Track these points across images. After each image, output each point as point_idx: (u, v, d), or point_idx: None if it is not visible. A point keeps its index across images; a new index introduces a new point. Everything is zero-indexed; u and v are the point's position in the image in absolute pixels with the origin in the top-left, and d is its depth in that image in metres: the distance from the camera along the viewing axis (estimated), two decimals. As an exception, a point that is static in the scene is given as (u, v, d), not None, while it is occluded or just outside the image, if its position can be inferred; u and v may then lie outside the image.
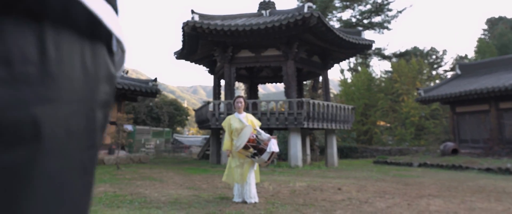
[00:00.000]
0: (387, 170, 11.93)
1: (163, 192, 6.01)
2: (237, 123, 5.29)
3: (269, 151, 4.86)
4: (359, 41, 14.37)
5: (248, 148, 4.95)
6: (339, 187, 6.85)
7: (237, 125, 5.26)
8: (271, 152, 4.88)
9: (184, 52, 15.75)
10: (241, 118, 5.32)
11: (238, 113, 5.38)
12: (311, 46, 14.28)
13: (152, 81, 14.13)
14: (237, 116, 5.35)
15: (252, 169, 5.22)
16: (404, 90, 26.97)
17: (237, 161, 5.16)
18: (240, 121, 5.29)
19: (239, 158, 5.16)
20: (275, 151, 4.92)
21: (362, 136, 26.88)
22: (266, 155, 4.88)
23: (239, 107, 5.37)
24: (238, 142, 5.02)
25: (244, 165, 5.14)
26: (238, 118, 5.33)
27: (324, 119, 13.33)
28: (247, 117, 5.38)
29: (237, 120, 5.32)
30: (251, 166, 5.19)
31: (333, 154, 14.60)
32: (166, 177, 8.49)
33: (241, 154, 5.12)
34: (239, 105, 5.37)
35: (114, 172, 9.22)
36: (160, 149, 21.74)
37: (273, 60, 14.03)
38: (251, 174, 5.20)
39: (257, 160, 4.99)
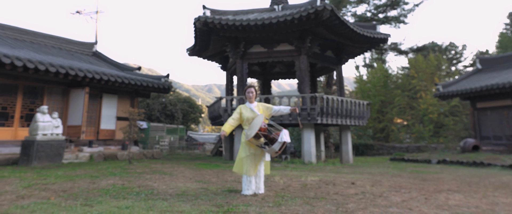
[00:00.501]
0: (403, 167, 11.57)
1: (171, 185, 5.92)
2: (248, 112, 5.12)
3: (280, 141, 4.69)
4: (374, 35, 14.00)
5: (259, 137, 4.80)
6: (352, 182, 6.62)
7: (248, 114, 5.09)
8: (283, 142, 4.70)
9: (196, 48, 15.70)
10: (252, 108, 5.15)
11: (249, 103, 5.22)
12: (325, 41, 13.99)
13: (164, 77, 14.11)
14: (249, 106, 5.19)
15: (262, 160, 5.06)
16: (421, 86, 26.39)
17: (247, 151, 4.98)
18: (251, 111, 5.12)
19: (250, 148, 4.99)
20: (286, 141, 4.73)
21: (378, 134, 26.45)
22: (277, 145, 4.71)
23: (250, 97, 5.21)
24: (249, 131, 4.86)
25: (255, 156, 4.96)
26: (249, 108, 5.16)
27: (338, 114, 13.03)
28: (258, 106, 5.20)
29: (249, 109, 5.15)
30: (262, 157, 5.03)
31: (348, 150, 14.32)
32: (177, 171, 8.41)
33: (252, 144, 4.96)
34: (251, 95, 5.21)
35: (125, 167, 9.19)
36: (174, 145, 21.80)
37: (285, 55, 13.79)
38: (261, 166, 5.05)
39: (268, 150, 4.82)
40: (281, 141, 4.72)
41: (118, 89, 13.22)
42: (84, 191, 5.19)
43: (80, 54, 15.76)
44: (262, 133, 4.77)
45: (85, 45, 16.50)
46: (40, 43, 14.52)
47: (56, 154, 9.47)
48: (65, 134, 11.65)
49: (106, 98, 13.04)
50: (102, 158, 11.45)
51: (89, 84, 11.67)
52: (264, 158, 5.09)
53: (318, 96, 12.35)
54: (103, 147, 12.68)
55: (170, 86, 14.18)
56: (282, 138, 4.74)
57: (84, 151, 11.71)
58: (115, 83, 11.94)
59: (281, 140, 4.72)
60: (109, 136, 13.06)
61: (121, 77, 12.03)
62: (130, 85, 12.51)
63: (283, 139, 4.73)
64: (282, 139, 4.73)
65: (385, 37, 14.47)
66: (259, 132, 4.74)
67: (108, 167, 9.09)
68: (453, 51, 32.07)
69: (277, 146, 4.74)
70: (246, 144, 5.02)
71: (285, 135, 4.80)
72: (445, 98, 18.44)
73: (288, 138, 4.80)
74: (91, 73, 11.04)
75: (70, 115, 11.86)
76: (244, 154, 5.01)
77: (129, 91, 13.73)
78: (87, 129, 12.34)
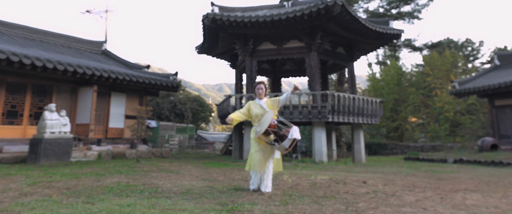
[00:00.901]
0: (418, 166, 11.34)
1: (176, 183, 5.83)
2: (257, 108, 5.06)
3: (290, 137, 4.61)
4: (386, 30, 13.75)
5: (269, 134, 4.76)
6: (364, 181, 6.44)
7: (257, 111, 5.03)
8: (293, 138, 4.63)
9: (205, 46, 15.67)
10: (262, 104, 5.08)
11: (258, 99, 5.16)
12: (336, 37, 13.83)
13: (173, 75, 14.09)
14: (258, 102, 5.13)
15: (271, 157, 4.98)
16: (437, 84, 25.96)
17: (256, 147, 4.93)
18: (261, 107, 5.05)
19: (259, 145, 4.93)
20: (297, 138, 4.66)
21: (392, 133, 26.08)
22: (287, 141, 4.64)
23: (260, 93, 5.15)
24: (259, 127, 4.80)
25: (264, 152, 4.90)
26: (259, 104, 5.10)
27: (350, 112, 12.83)
28: (267, 102, 5.12)
29: (258, 106, 5.09)
30: (271, 154, 4.96)
31: (360, 149, 14.10)
32: (184, 170, 8.34)
33: (261, 141, 4.91)
34: (260, 92, 5.15)
35: (132, 165, 9.16)
36: (183, 144, 21.82)
37: (295, 52, 13.67)
38: (270, 163, 4.97)
39: (278, 146, 4.75)
40: (291, 138, 4.64)
41: (127, 87, 13.25)
42: (88, 188, 5.14)
43: (90, 53, 15.86)
44: (271, 129, 4.71)
45: (94, 44, 16.60)
46: (49, 42, 14.65)
47: (64, 152, 9.50)
48: (73, 132, 11.70)
49: (114, 96, 13.08)
50: (110, 157, 11.46)
51: (97, 83, 11.71)
52: (273, 155, 5.01)
53: (329, 93, 12.17)
54: (111, 146, 12.71)
55: (179, 84, 14.16)
56: (292, 134, 4.66)
57: (93, 149, 11.74)
58: (123, 82, 11.95)
59: (291, 136, 4.64)
60: (117, 134, 13.09)
61: (129, 75, 12.04)
62: (138, 83, 12.51)
63: (293, 136, 4.64)
64: (292, 136, 4.65)
65: (398, 33, 14.18)
66: (268, 128, 4.68)
67: (115, 165, 9.07)
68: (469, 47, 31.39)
69: (287, 143, 4.67)
70: (255, 141, 4.96)
71: (295, 131, 4.72)
72: (461, 96, 18.03)
73: (298, 135, 4.71)
74: (99, 71, 11.06)
75: (79, 113, 11.91)
76: (254, 149, 4.97)
77: (137, 90, 13.75)
78: (95, 127, 12.39)
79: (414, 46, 27.97)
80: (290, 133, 4.68)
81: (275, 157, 5.04)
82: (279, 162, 5.17)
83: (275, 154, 5.01)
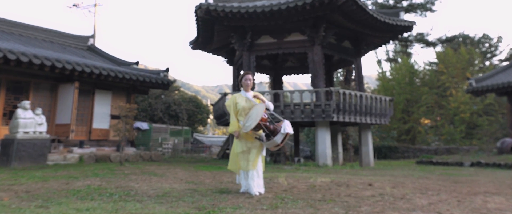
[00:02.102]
0: (431, 170, 10.99)
1: (155, 186, 5.43)
2: (244, 101, 4.77)
3: (283, 132, 4.37)
4: (397, 22, 13.36)
5: (259, 128, 4.49)
6: (369, 183, 6.01)
7: (244, 104, 4.74)
8: (286, 133, 4.38)
9: (199, 41, 15.31)
10: (249, 96, 4.81)
11: (245, 91, 4.89)
12: (341, 30, 13.46)
13: (164, 72, 13.75)
14: (244, 94, 4.85)
15: (260, 154, 4.71)
16: (451, 83, 25.51)
17: (243, 145, 4.62)
18: (247, 100, 4.78)
19: (247, 142, 4.63)
20: (289, 133, 4.41)
21: (403, 136, 25.64)
22: (279, 136, 4.38)
23: (247, 85, 4.89)
24: (248, 121, 4.48)
25: (252, 150, 4.61)
26: (245, 96, 4.82)
27: (357, 111, 12.47)
28: (256, 95, 4.82)
29: (244, 98, 4.81)
30: (260, 151, 4.68)
31: (369, 152, 13.76)
32: (170, 172, 7.96)
33: (249, 137, 4.61)
34: (248, 83, 4.90)
35: (115, 168, 8.81)
36: (178, 148, 21.46)
37: (297, 46, 13.31)
38: (259, 160, 4.69)
39: (269, 142, 4.47)
40: (284, 132, 4.39)
41: (113, 85, 12.91)
42: (51, 192, 4.76)
43: (74, 48, 15.56)
44: (263, 123, 4.45)
45: (80, 38, 16.30)
46: (30, 36, 14.34)
47: (39, 154, 9.13)
48: (53, 133, 11.36)
49: (99, 94, 12.74)
50: (93, 160, 11.10)
51: (79, 79, 11.37)
52: (263, 152, 4.76)
53: (333, 90, 11.81)
54: (95, 148, 12.36)
55: (170, 81, 13.83)
56: (284, 128, 4.40)
57: (74, 152, 11.39)
58: (108, 78, 11.61)
59: (284, 131, 4.39)
60: (102, 136, 12.74)
61: (115, 71, 11.69)
62: (125, 80, 12.17)
63: (286, 130, 4.40)
64: (285, 130, 4.39)
65: (410, 25, 13.80)
66: (260, 122, 4.42)
67: (95, 168, 8.72)
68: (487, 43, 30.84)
69: (280, 138, 4.40)
70: (242, 137, 4.65)
71: (288, 125, 4.48)
72: (478, 95, 17.56)
73: (290, 129, 4.46)
74: (81, 66, 10.71)
75: (59, 113, 11.57)
76: (240, 148, 4.66)
77: (124, 87, 13.41)
78: (77, 128, 12.04)
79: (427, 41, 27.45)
80: (282, 127, 4.42)
81: (263, 154, 4.79)
82: (263, 160, 4.93)
83: (263, 151, 4.75)
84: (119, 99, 12.73)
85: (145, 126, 19.86)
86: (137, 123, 19.06)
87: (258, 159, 4.62)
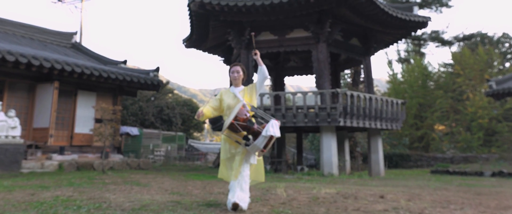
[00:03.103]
0: (449, 180, 10.70)
1: (133, 198, 5.04)
2: (230, 98, 4.33)
3: (265, 134, 3.83)
4: (410, 17, 13.15)
5: (237, 130, 3.94)
6: (381, 195, 5.60)
7: (230, 101, 4.30)
8: (268, 136, 3.83)
9: (193, 38, 15.16)
10: (236, 93, 4.34)
11: (234, 86, 4.42)
12: (349, 26, 13.33)
13: (153, 71, 13.41)
14: (233, 90, 4.39)
15: (246, 162, 4.14)
16: (468, 86, 25.13)
17: (227, 151, 4.19)
18: (234, 96, 4.31)
19: (230, 146, 4.17)
20: (274, 135, 3.85)
21: (416, 143, 25.31)
22: (261, 140, 3.86)
23: (235, 78, 4.40)
24: (227, 120, 4.06)
25: (235, 157, 4.11)
26: (233, 93, 4.36)
27: (366, 115, 12.27)
28: (245, 91, 4.37)
29: (232, 94, 4.35)
30: (245, 158, 4.12)
31: (378, 160, 13.50)
32: (156, 182, 7.57)
33: (231, 140, 4.13)
34: (236, 76, 4.40)
35: (95, 177, 8.44)
36: (171, 155, 21.10)
37: (300, 44, 13.11)
38: (244, 169, 4.11)
39: (250, 147, 3.94)
40: (267, 135, 3.84)
41: (97, 85, 12.58)
42: (10, 204, 4.37)
43: (56, 45, 15.26)
44: (240, 123, 3.90)
45: (63, 35, 15.99)
46: (7, 32, 14.02)
47: (12, 161, 8.77)
48: (30, 138, 11.01)
49: (82, 96, 12.38)
50: (74, 168, 10.73)
51: (59, 79, 11.02)
52: (249, 159, 4.17)
53: (340, 92, 11.59)
54: (77, 155, 12.00)
55: (160, 82, 13.51)
56: (267, 130, 3.85)
57: (53, 158, 11.02)
58: (91, 77, 11.27)
59: (266, 133, 3.84)
60: (85, 141, 12.38)
61: (99, 70, 11.34)
62: (110, 80, 11.83)
63: (269, 132, 3.83)
64: (267, 132, 3.84)
65: (424, 21, 13.59)
66: (234, 121, 3.87)
67: (73, 177, 8.35)
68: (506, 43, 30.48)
69: (261, 142, 3.87)
70: (225, 141, 4.22)
71: (273, 126, 3.90)
72: (499, 98, 17.20)
73: (277, 131, 3.89)
74: (60, 64, 10.36)
75: (37, 116, 11.22)
76: (224, 155, 4.25)
77: (110, 88, 13.07)
78: (58, 132, 11.68)
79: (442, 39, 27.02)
80: (265, 128, 3.88)
81: (251, 162, 4.19)
82: (260, 170, 4.42)
83: (251, 157, 4.17)
84: (104, 101, 12.36)
85: (135, 131, 19.52)
86: (125, 127, 18.75)
87: (242, 168, 4.09)
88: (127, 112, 21.23)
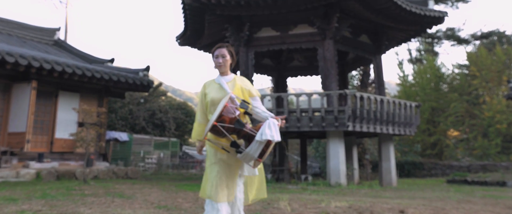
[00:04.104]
0: (469, 191, 10.49)
1: (112, 212, 4.57)
2: (215, 90, 3.41)
3: (260, 139, 2.92)
4: (425, 12, 12.84)
5: (221, 133, 3.04)
6: (401, 210, 5.14)
7: (214, 94, 3.38)
8: (265, 141, 2.92)
9: (187, 34, 14.95)
10: (223, 83, 3.41)
11: (220, 75, 3.48)
12: (358, 21, 13.08)
13: (143, 71, 13.01)
14: (218, 80, 3.46)
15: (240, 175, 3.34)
16: (485, 88, 24.83)
17: (213, 158, 3.27)
18: (220, 88, 3.40)
19: (216, 154, 3.25)
20: (272, 140, 2.91)
21: (428, 150, 25.12)
22: (255, 146, 2.95)
23: (220, 64, 3.43)
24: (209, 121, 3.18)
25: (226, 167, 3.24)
26: (218, 83, 3.44)
27: (377, 119, 12.05)
28: (235, 81, 3.46)
29: (217, 86, 3.44)
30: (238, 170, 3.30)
31: (390, 169, 13.23)
32: (142, 193, 7.14)
33: (216, 147, 3.23)
34: (220, 62, 3.42)
35: (74, 187, 8.02)
36: (163, 163, 20.71)
37: (305, 41, 12.90)
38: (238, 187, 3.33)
39: (242, 155, 3.04)
40: (262, 140, 2.91)
41: (81, 85, 12.18)
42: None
43: (37, 42, 14.87)
44: (226, 125, 3.01)
45: (45, 31, 15.61)
46: (-18, 28, 13.64)
47: (-18, 170, 8.29)
48: (4, 143, 10.61)
49: (64, 97, 11.96)
50: (54, 177, 10.32)
51: (37, 78, 10.62)
52: (242, 172, 3.33)
53: (348, 93, 11.36)
54: (58, 162, 11.57)
55: (150, 82, 13.13)
56: (263, 133, 2.92)
57: (31, 166, 10.60)
58: (73, 76, 10.86)
59: (261, 137, 2.91)
60: (67, 147, 11.95)
61: (82, 69, 10.91)
62: (95, 79, 11.42)
63: (265, 136, 2.90)
64: (263, 136, 2.91)
65: (441, 16, 13.35)
66: (217, 123, 2.98)
67: (50, 187, 7.94)
68: (527, 43, 30.16)
69: (256, 149, 2.95)
70: (210, 147, 3.32)
71: (270, 127, 2.95)
72: (520, 101, 16.76)
73: (276, 133, 2.95)
74: (38, 61, 9.94)
75: (12, 119, 10.82)
76: (209, 164, 3.33)
77: (96, 89, 12.66)
78: (36, 137, 11.25)
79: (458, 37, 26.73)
80: (259, 131, 2.96)
81: (245, 174, 3.35)
82: (261, 184, 3.50)
83: (244, 169, 3.32)
84: (89, 103, 11.96)
85: (125, 137, 19.08)
86: (114, 132, 18.32)
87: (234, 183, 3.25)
88: (116, 115, 20.84)
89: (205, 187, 3.27)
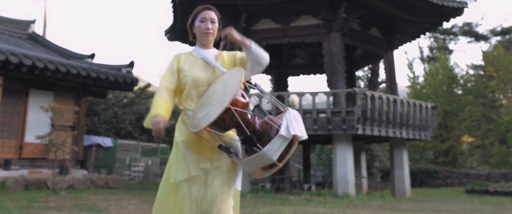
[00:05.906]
0: (496, 202, 10.07)
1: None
2: (199, 68, 2.70)
3: (286, 134, 2.24)
4: (443, 2, 12.49)
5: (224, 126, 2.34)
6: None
7: (199, 73, 2.67)
8: (291, 137, 2.25)
9: (177, 28, 14.70)
10: (209, 58, 2.72)
11: (201, 47, 2.79)
12: (368, 12, 12.74)
13: (127, 67, 12.43)
14: (200, 54, 2.75)
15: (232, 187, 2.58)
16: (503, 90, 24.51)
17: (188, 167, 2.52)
18: (205, 64, 2.71)
19: (199, 156, 2.54)
20: (301, 137, 2.28)
21: (441, 157, 24.95)
22: (276, 143, 2.24)
23: (208, 31, 2.72)
24: (204, 109, 2.41)
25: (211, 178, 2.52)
26: (201, 57, 2.74)
27: (389, 122, 11.84)
28: (223, 57, 2.80)
29: (199, 61, 2.73)
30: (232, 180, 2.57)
31: (404, 177, 12.93)
32: (118, 206, 6.54)
33: (204, 145, 2.53)
34: (209, 28, 2.73)
35: (39, 199, 7.44)
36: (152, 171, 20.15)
37: (308, 33, 12.70)
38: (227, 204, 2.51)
39: (249, 159, 2.31)
40: (288, 135, 2.22)
41: (55, 83, 11.62)
42: None
43: (8, 35, 14.29)
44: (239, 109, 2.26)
45: (17, 24, 15.06)
46: None
47: None
48: (-34, 148, 9.88)
49: (35, 96, 11.40)
50: (22, 186, 9.72)
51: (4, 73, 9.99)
52: (235, 184, 2.60)
53: (358, 92, 11.15)
54: (28, 170, 10.94)
55: (135, 80, 12.62)
56: (289, 127, 2.24)
57: (-5, 175, 9.91)
58: (45, 72, 10.25)
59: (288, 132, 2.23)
60: (39, 153, 11.32)
61: (55, 63, 10.28)
62: (70, 76, 10.80)
63: (293, 131, 2.23)
64: (290, 131, 2.23)
65: (460, 7, 13.04)
66: (232, 107, 2.22)
67: (11, 199, 7.35)
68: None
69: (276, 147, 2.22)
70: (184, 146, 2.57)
71: (295, 120, 2.29)
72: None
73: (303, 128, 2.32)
74: (4, 54, 9.27)
75: (-25, 120, 10.14)
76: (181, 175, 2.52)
77: (72, 87, 12.12)
78: (3, 142, 10.68)
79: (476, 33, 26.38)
80: (283, 124, 2.26)
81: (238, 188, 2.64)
82: (236, 202, 2.69)
83: (237, 181, 2.61)
84: (64, 103, 11.33)
85: (108, 143, 18.49)
86: (97, 137, 17.70)
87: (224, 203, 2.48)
88: (99, 119, 20.20)
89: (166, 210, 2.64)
